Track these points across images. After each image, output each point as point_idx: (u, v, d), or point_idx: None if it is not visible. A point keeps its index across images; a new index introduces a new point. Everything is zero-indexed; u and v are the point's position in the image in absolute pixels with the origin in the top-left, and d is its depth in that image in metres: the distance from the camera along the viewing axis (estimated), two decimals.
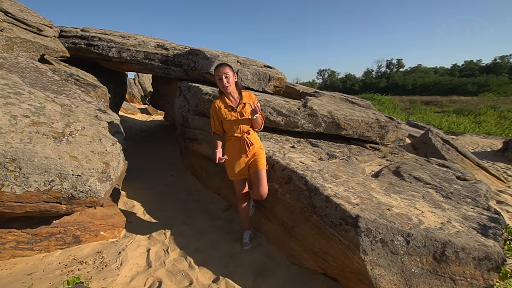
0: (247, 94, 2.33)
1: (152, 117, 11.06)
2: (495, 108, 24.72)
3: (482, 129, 16.01)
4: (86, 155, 1.81)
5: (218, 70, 2.19)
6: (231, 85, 2.23)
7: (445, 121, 18.64)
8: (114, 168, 1.97)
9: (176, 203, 3.28)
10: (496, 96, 35.47)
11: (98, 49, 5.34)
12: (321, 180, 2.36)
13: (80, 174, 1.68)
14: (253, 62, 4.80)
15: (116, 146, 2.15)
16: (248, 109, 2.27)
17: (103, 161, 1.89)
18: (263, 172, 2.32)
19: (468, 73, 54.50)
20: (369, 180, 2.76)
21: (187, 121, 3.80)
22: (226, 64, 2.23)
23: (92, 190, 1.73)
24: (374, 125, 3.86)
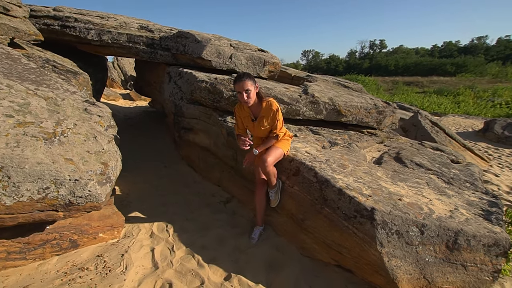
0: (267, 107, 2.19)
1: (136, 103, 10.56)
2: (472, 88, 25.61)
3: (461, 109, 16.58)
4: (82, 156, 1.63)
5: (238, 85, 2.06)
6: (252, 100, 2.13)
7: (426, 102, 19.14)
8: (113, 168, 1.80)
9: (175, 197, 3.15)
10: (472, 77, 36.78)
11: (75, 31, 4.88)
12: (330, 171, 2.30)
13: (78, 178, 1.50)
14: (247, 46, 4.57)
15: (112, 143, 1.97)
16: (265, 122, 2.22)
17: (101, 161, 1.72)
18: (275, 147, 2.25)
19: (447, 54, 55.89)
20: (374, 168, 2.74)
21: (180, 109, 3.60)
22: (248, 76, 2.07)
23: (92, 195, 1.57)
24: (372, 111, 3.82)
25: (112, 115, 7.77)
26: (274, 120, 2.21)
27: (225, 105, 3.12)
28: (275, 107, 2.19)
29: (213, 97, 3.13)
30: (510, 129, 8.49)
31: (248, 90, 2.06)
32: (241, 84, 2.05)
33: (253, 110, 2.25)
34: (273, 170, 2.24)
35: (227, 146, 3.03)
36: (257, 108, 2.23)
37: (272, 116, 2.19)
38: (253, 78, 2.14)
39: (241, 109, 2.29)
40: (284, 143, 2.33)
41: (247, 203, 2.89)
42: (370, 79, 32.81)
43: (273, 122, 2.22)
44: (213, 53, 4.12)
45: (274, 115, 2.19)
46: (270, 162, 2.16)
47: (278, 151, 2.24)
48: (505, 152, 7.52)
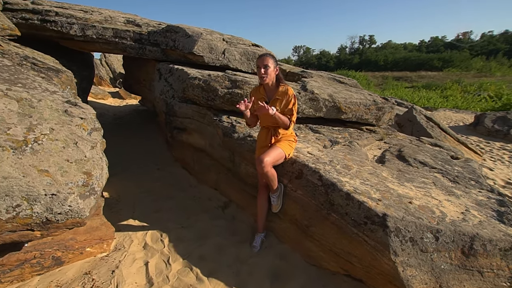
0: (283, 90, 2.15)
1: (126, 102, 10.20)
2: (459, 82, 26.03)
3: (449, 104, 16.81)
4: (61, 166, 1.43)
5: (259, 60, 2.08)
6: (269, 78, 2.09)
7: (416, 96, 19.34)
8: (98, 177, 1.61)
9: (169, 202, 2.96)
10: (459, 71, 37.52)
11: (57, 26, 4.58)
12: (336, 174, 2.16)
13: (56, 192, 1.31)
14: (240, 41, 4.37)
15: (97, 149, 1.76)
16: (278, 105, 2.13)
17: (83, 170, 1.52)
18: (275, 147, 2.12)
19: (434, 49, 56.88)
20: (379, 168, 2.62)
21: (172, 108, 3.39)
22: (270, 54, 2.10)
23: (73, 210, 1.38)
24: (372, 107, 3.71)
25: (100, 115, 7.43)
26: (288, 106, 2.12)
27: (220, 103, 2.93)
28: (291, 92, 2.14)
29: (207, 95, 2.94)
30: (500, 122, 8.60)
31: (267, 66, 2.05)
32: (262, 59, 2.06)
33: (268, 93, 2.20)
34: (272, 172, 2.09)
35: (223, 147, 2.85)
36: (273, 91, 2.18)
37: (286, 101, 2.12)
38: (275, 59, 2.13)
39: (256, 91, 2.26)
40: (286, 145, 2.17)
41: (247, 208, 2.73)
42: (361, 75, 33.02)
43: (286, 107, 2.13)
44: (205, 48, 3.91)
45: (289, 100, 2.12)
46: (267, 162, 2.01)
47: (278, 152, 2.09)
48: (495, 146, 7.60)
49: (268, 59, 2.05)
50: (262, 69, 2.05)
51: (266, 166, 1.98)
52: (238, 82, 2.88)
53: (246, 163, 2.62)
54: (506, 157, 6.59)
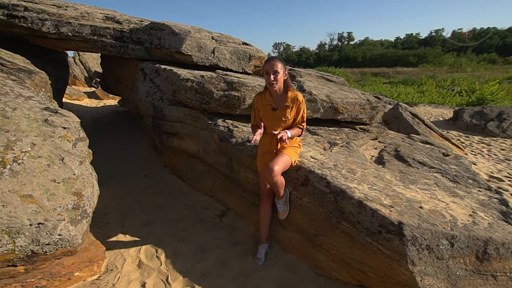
0: (293, 96, 2.04)
1: (104, 102, 9.68)
2: (434, 78, 27.13)
3: (426, 99, 17.44)
4: (47, 188, 1.22)
5: (267, 65, 1.95)
6: (279, 84, 1.98)
7: (395, 92, 19.92)
8: (89, 197, 1.41)
9: (162, 213, 2.76)
10: (432, 67, 39.23)
11: (26, 22, 4.17)
12: (343, 179, 2.08)
13: (43, 221, 1.11)
14: (230, 39, 4.19)
15: (86, 164, 1.56)
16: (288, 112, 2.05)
17: (73, 191, 1.32)
18: (282, 154, 2.00)
19: (409, 46, 59.17)
20: (381, 170, 2.57)
21: (161, 112, 3.17)
22: (278, 58, 1.97)
23: (64, 239, 1.19)
24: (366, 107, 3.68)
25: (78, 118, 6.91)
26: (300, 112, 2.07)
27: (215, 106, 2.76)
28: (302, 98, 2.06)
29: (201, 98, 2.76)
30: (477, 117, 8.99)
31: (276, 72, 1.93)
32: (271, 64, 1.93)
33: (276, 99, 2.07)
34: (281, 180, 1.97)
35: (219, 152, 2.69)
36: (281, 97, 2.06)
37: (298, 108, 2.05)
38: (284, 63, 2.01)
39: (262, 97, 2.13)
40: (292, 151, 2.06)
41: (246, 216, 2.60)
42: (340, 71, 33.64)
43: (298, 115, 2.07)
44: (193, 47, 3.71)
45: (300, 107, 2.05)
46: (277, 171, 1.88)
47: (286, 159, 1.97)
48: (475, 140, 7.93)
49: (277, 64, 1.92)
50: (271, 75, 1.92)
51: (276, 175, 1.85)
52: (235, 84, 2.72)
53: (246, 170, 2.48)
54: (485, 151, 6.88)
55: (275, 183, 1.89)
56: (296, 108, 2.04)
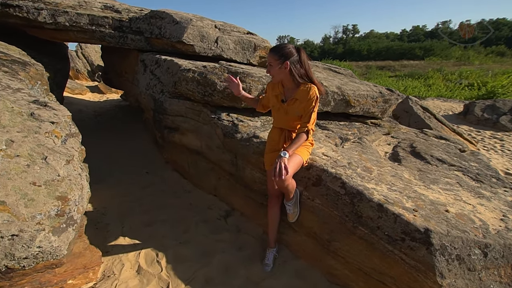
0: (304, 90, 1.79)
1: (106, 96, 9.53)
2: (441, 71, 26.53)
3: (433, 92, 17.04)
4: (24, 193, 1.06)
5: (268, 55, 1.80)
6: (275, 77, 1.82)
7: (401, 86, 19.48)
8: (77, 200, 1.25)
9: (163, 213, 2.61)
10: (439, 60, 38.39)
11: (22, 11, 3.99)
12: (359, 179, 1.89)
13: (17, 232, 0.96)
14: (234, 28, 3.97)
15: (74, 163, 1.39)
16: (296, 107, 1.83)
17: (57, 195, 1.16)
18: (294, 154, 1.77)
19: (415, 38, 57.97)
20: (398, 168, 2.38)
21: (161, 105, 2.99)
22: (274, 50, 1.77)
23: (45, 251, 1.03)
24: (379, 100, 3.47)
25: (79, 111, 6.78)
26: (308, 109, 1.78)
27: (219, 99, 2.57)
28: (313, 93, 1.77)
29: (204, 90, 2.57)
30: (489, 111, 8.68)
31: (270, 64, 1.77)
32: (268, 55, 1.79)
33: (287, 91, 1.88)
34: (293, 184, 1.79)
35: (223, 148, 2.52)
36: (292, 89, 1.84)
37: (307, 102, 1.77)
38: (282, 54, 1.73)
39: (274, 86, 1.95)
40: (304, 150, 1.86)
41: (252, 217, 2.43)
42: (345, 64, 33.07)
43: (306, 111, 1.79)
44: (195, 36, 3.50)
45: (310, 102, 1.76)
46: (288, 175, 1.68)
47: (298, 160, 1.78)
48: (486, 134, 7.65)
49: (269, 56, 1.75)
50: (268, 67, 1.79)
51: (287, 179, 1.67)
52: (240, 74, 2.52)
53: (252, 168, 2.30)
54: (498, 146, 6.62)
55: (286, 187, 1.71)
56: (305, 102, 1.77)
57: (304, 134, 1.77)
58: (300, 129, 1.80)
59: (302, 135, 1.76)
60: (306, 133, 1.77)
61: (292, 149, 1.69)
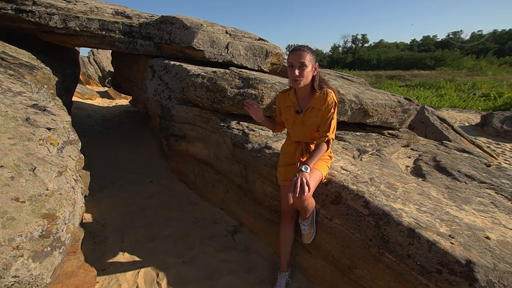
0: (321, 96, 1.62)
1: (115, 102, 9.55)
2: (453, 81, 26.05)
3: (445, 102, 16.65)
4: (3, 211, 0.91)
5: (293, 55, 1.53)
6: (304, 80, 1.55)
7: (413, 95, 19.10)
8: (67, 218, 1.09)
9: (166, 226, 2.44)
10: (451, 70, 37.81)
11: (34, 16, 3.99)
12: (384, 198, 1.69)
13: None
14: (245, 34, 3.86)
15: (67, 174, 1.24)
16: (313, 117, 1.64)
17: (43, 212, 1.01)
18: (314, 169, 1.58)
19: (425, 48, 57.47)
20: (424, 185, 2.16)
21: (169, 112, 2.86)
22: (307, 48, 1.54)
23: (22, 281, 0.87)
24: (397, 109, 3.26)
25: (87, 116, 6.72)
26: (327, 117, 1.61)
27: (229, 106, 2.42)
28: (331, 99, 1.59)
29: (213, 96, 2.43)
30: (508, 122, 8.32)
31: (303, 65, 1.51)
32: (297, 55, 1.51)
33: (301, 100, 1.69)
34: (312, 202, 1.61)
35: (232, 159, 2.35)
36: (307, 97, 1.66)
37: (325, 110, 1.60)
38: (315, 53, 1.58)
39: (285, 97, 1.75)
40: (323, 165, 1.68)
41: (263, 235, 2.24)
42: (354, 73, 32.80)
43: (324, 119, 1.61)
44: (206, 41, 3.40)
45: (328, 109, 1.60)
46: (309, 194, 1.43)
47: (318, 175, 1.60)
48: (507, 147, 7.29)
49: (305, 54, 1.50)
50: (296, 69, 1.51)
51: (309, 197, 1.48)
52: (252, 80, 2.38)
53: (263, 181, 2.12)
54: None
55: (305, 206, 1.52)
56: (324, 110, 1.60)
57: (325, 144, 1.59)
58: (320, 139, 1.62)
59: (323, 145, 1.58)
60: (327, 143, 1.60)
61: (313, 163, 1.50)
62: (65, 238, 1.08)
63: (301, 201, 1.45)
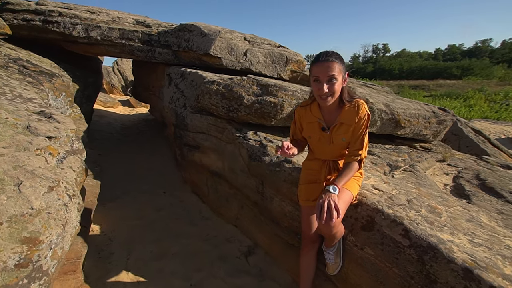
0: (352, 110, 1.36)
1: (136, 110, 9.76)
2: (482, 91, 24.69)
3: (475, 113, 15.72)
4: None
5: (319, 67, 1.25)
6: (335, 95, 1.30)
7: (438, 106, 18.14)
8: (54, 241, 0.93)
9: (176, 243, 2.26)
10: (480, 79, 35.87)
11: (59, 27, 4.10)
12: (427, 226, 1.41)
13: None
14: (265, 41, 3.73)
15: (59, 189, 1.10)
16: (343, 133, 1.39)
17: (23, 236, 0.86)
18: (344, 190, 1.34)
19: (451, 57, 55.23)
20: (471, 209, 1.84)
21: (183, 121, 2.74)
22: (335, 56, 1.26)
23: None
24: (432, 120, 2.94)
25: (108, 124, 6.81)
26: (359, 133, 1.37)
27: (245, 115, 2.24)
28: (364, 111, 1.35)
29: (229, 104, 2.27)
30: None
31: (333, 79, 1.25)
32: (325, 67, 1.23)
33: (327, 114, 1.43)
34: (341, 229, 1.37)
35: (248, 173, 2.15)
36: (334, 112, 1.40)
37: (357, 125, 1.36)
38: (344, 61, 1.30)
39: (307, 111, 1.48)
40: (353, 184, 1.44)
41: (280, 259, 2.00)
42: (376, 83, 31.89)
43: (356, 135, 1.38)
44: (223, 48, 3.28)
45: (360, 123, 1.36)
46: (338, 219, 1.22)
47: (348, 197, 1.36)
48: None
49: (334, 65, 1.24)
50: (324, 85, 1.26)
51: (336, 226, 1.25)
52: (271, 87, 2.20)
53: (282, 198, 1.90)
54: None
55: (333, 234, 1.29)
56: (356, 125, 1.36)
57: (356, 163, 1.35)
58: (350, 157, 1.38)
59: (354, 164, 1.35)
60: (359, 163, 1.36)
61: (342, 183, 1.27)
62: (49, 266, 0.92)
63: (329, 228, 1.22)
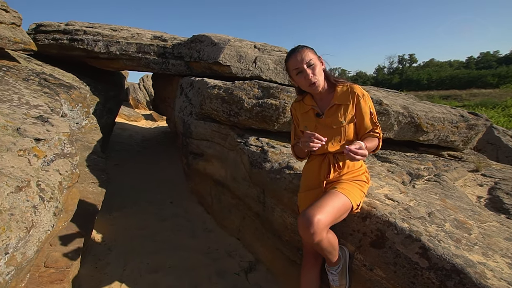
0: (344, 89, 1.33)
1: (157, 123, 10.09)
2: None
3: None
4: None
5: (293, 60, 1.27)
6: (321, 79, 1.30)
7: None
8: (14, 246, 0.86)
9: (175, 256, 2.14)
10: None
11: (83, 44, 4.36)
12: (452, 244, 1.17)
13: None
14: (275, 48, 3.66)
15: (28, 190, 1.03)
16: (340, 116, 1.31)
17: None
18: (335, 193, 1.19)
19: (485, 65, 51.95)
20: (510, 224, 1.54)
21: (189, 128, 2.68)
22: (302, 46, 1.31)
23: None
24: (460, 125, 2.63)
25: (129, 137, 7.02)
26: (364, 112, 1.31)
27: (246, 119, 2.13)
28: (361, 90, 1.33)
29: (229, 109, 2.17)
30: None
31: (311, 63, 1.25)
32: (299, 56, 1.25)
33: (320, 101, 1.38)
34: (329, 239, 1.16)
35: (250, 181, 2.01)
36: (326, 96, 1.36)
37: (356, 104, 1.31)
38: (315, 51, 1.32)
39: (300, 103, 1.45)
40: (354, 189, 1.25)
41: (282, 276, 1.79)
42: None
43: (361, 115, 1.31)
44: (232, 56, 3.25)
45: (359, 102, 1.31)
46: (319, 225, 1.06)
47: (340, 203, 1.17)
48: None
49: (306, 52, 1.26)
50: (307, 71, 1.25)
51: (318, 233, 1.05)
52: (272, 89, 2.08)
53: (283, 209, 1.72)
54: None
55: (317, 243, 1.10)
56: (352, 105, 1.30)
57: (376, 139, 1.27)
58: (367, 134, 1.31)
59: (374, 139, 1.26)
60: (378, 138, 1.28)
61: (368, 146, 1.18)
62: (1, 273, 0.83)
63: (308, 234, 1.05)
